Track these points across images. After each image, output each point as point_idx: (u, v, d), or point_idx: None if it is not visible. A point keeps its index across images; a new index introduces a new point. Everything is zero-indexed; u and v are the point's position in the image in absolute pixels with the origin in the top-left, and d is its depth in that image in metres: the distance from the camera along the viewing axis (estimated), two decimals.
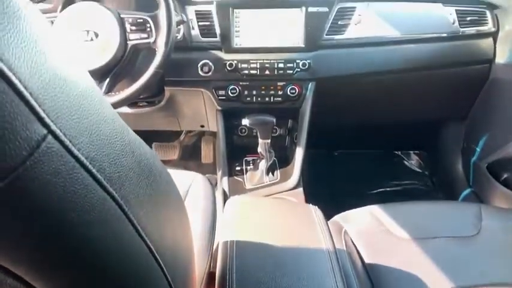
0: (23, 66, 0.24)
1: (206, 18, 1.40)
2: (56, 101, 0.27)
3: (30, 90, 0.24)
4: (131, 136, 0.39)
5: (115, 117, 0.36)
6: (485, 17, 1.50)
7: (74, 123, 0.28)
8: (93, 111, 0.31)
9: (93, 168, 0.30)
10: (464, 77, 1.57)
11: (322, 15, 1.39)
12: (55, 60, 0.28)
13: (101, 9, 1.13)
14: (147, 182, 0.41)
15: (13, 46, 0.24)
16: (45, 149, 0.25)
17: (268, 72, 1.40)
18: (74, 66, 0.31)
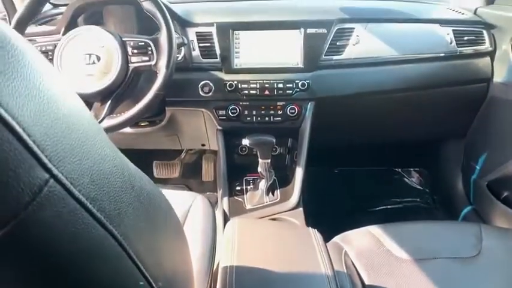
0: (27, 115, 0.25)
1: (207, 39, 1.42)
2: (58, 145, 0.27)
3: (33, 137, 0.25)
4: (131, 170, 0.40)
5: (115, 154, 0.37)
6: (482, 36, 1.52)
7: (76, 165, 0.29)
8: (94, 151, 0.32)
9: (94, 208, 0.30)
10: (462, 96, 1.58)
11: (320, 37, 1.41)
12: (57, 105, 0.29)
13: (103, 33, 1.15)
14: (147, 215, 0.41)
15: (17, 95, 0.25)
16: (47, 193, 0.26)
17: (268, 92, 1.41)
18: (75, 107, 0.32)
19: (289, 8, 1.57)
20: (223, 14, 1.48)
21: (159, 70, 1.15)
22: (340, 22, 1.43)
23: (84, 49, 1.14)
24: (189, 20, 1.44)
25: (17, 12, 1.19)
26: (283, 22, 1.43)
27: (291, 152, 1.57)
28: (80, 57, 1.13)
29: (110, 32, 1.15)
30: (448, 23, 1.50)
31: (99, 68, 1.13)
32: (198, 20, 1.44)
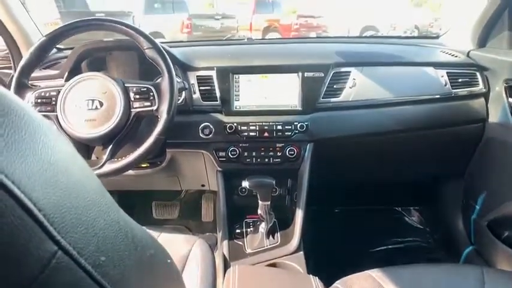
0: (38, 189, 0.26)
1: (207, 83, 1.46)
2: (67, 216, 0.28)
3: (43, 211, 0.26)
4: (134, 230, 0.40)
5: (119, 216, 0.37)
6: (476, 78, 1.56)
7: (82, 234, 0.29)
8: (100, 217, 0.33)
9: (98, 275, 0.31)
10: (459, 136, 1.60)
11: (318, 80, 1.44)
12: (67, 175, 0.30)
13: (106, 79, 1.17)
14: (149, 273, 0.41)
15: (29, 172, 0.26)
16: (55, 265, 0.27)
17: (267, 134, 1.43)
18: (83, 175, 0.33)
19: (287, 53, 1.62)
20: (223, 58, 1.52)
21: (160, 115, 1.17)
22: (337, 66, 1.47)
23: (87, 95, 1.16)
24: (190, 64, 1.48)
25: (23, 59, 1.22)
26: (282, 66, 1.46)
27: (290, 192, 1.58)
28: (83, 103, 1.15)
29: (112, 79, 1.18)
30: (442, 66, 1.55)
31: (102, 114, 1.15)
32: (198, 64, 1.48)
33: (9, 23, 1.54)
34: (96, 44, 1.43)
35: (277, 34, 11.10)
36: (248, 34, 11.27)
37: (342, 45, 1.77)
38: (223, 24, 9.97)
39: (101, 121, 1.14)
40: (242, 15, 11.33)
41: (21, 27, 1.57)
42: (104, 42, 1.43)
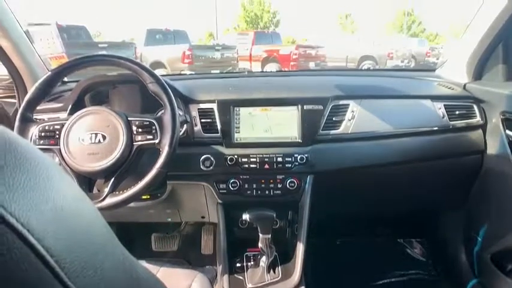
0: (50, 235, 0.27)
1: (208, 115, 1.48)
2: (76, 261, 0.29)
3: (56, 257, 0.27)
4: (139, 272, 0.41)
5: (125, 260, 0.38)
6: (473, 110, 1.58)
7: (90, 278, 0.30)
8: (107, 260, 0.33)
9: None
10: (458, 168, 1.61)
11: (317, 112, 1.47)
12: (77, 219, 0.31)
13: (109, 113, 1.19)
14: None
15: (43, 220, 0.27)
16: None
17: (268, 166, 1.44)
18: (92, 218, 0.34)
19: (286, 85, 1.65)
20: (224, 91, 1.55)
21: (162, 148, 1.18)
22: (336, 99, 1.50)
23: (90, 128, 1.18)
24: (191, 97, 1.50)
25: (29, 93, 1.24)
26: (281, 99, 1.49)
27: (291, 225, 1.57)
28: (86, 137, 1.17)
29: (116, 112, 1.20)
30: (439, 98, 1.57)
31: (105, 147, 1.16)
32: (200, 97, 1.51)
33: (14, 55, 1.57)
34: (100, 78, 1.46)
35: (277, 64, 11.29)
36: (247, 64, 11.46)
37: (340, 78, 1.81)
38: (223, 54, 10.17)
39: (103, 154, 1.15)
40: (242, 46, 11.55)
41: (27, 60, 1.60)
42: (107, 77, 1.46)
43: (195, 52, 9.57)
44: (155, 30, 10.79)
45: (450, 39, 17.35)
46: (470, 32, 1.62)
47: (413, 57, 13.46)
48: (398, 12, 26.39)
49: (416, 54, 13.86)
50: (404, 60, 12.94)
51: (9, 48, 1.54)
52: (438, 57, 14.19)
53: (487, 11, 1.50)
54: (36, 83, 1.25)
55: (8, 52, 1.55)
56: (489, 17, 1.48)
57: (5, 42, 1.51)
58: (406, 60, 13.02)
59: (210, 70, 9.18)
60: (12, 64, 1.59)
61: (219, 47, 10.64)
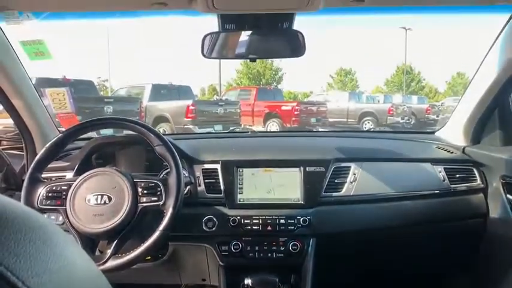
0: None
1: (212, 176, 1.50)
2: None
3: None
4: None
5: None
6: (473, 174, 1.60)
7: None
8: None
9: None
10: (460, 231, 1.61)
11: (319, 175, 1.49)
12: None
13: (116, 175, 1.22)
14: None
15: None
16: None
17: (270, 228, 1.44)
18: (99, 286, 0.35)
19: (289, 146, 1.69)
20: (228, 151, 1.59)
21: (166, 210, 1.19)
22: (337, 161, 1.53)
23: (97, 190, 1.20)
24: (196, 157, 1.53)
25: (39, 154, 1.28)
26: (284, 161, 1.52)
27: None
28: (92, 198, 1.19)
29: (122, 173, 1.22)
30: (439, 162, 1.60)
31: (109, 208, 1.17)
32: (204, 157, 1.54)
33: (25, 113, 1.60)
34: (107, 139, 1.50)
35: (279, 120, 11.49)
36: (250, 119, 11.65)
37: (341, 139, 1.85)
38: (226, 110, 10.38)
39: (108, 216, 1.17)
40: (244, 102, 11.81)
41: (37, 118, 1.64)
42: (115, 138, 1.51)
43: (198, 107, 9.78)
44: (160, 86, 11.10)
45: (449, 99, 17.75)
46: (468, 97, 1.68)
47: (413, 114, 13.66)
48: (398, 70, 27.22)
49: (416, 111, 14.10)
50: (405, 117, 13.12)
51: (21, 106, 1.57)
52: (438, 115, 14.42)
53: (482, 78, 1.56)
54: (47, 144, 1.29)
55: (19, 110, 1.58)
56: (484, 83, 1.54)
57: (18, 101, 1.55)
58: (407, 117, 13.21)
59: (213, 125, 9.35)
60: (22, 121, 1.62)
61: (222, 103, 10.90)
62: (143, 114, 9.51)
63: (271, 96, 13.59)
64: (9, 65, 1.42)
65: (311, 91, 23.93)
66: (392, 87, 27.01)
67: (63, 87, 1.70)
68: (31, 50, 1.40)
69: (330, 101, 14.11)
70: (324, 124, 11.88)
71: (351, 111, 13.72)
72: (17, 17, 1.24)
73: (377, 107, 14.06)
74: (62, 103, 1.69)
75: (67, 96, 1.69)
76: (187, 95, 11.42)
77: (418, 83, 27.62)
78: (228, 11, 1.17)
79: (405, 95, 19.75)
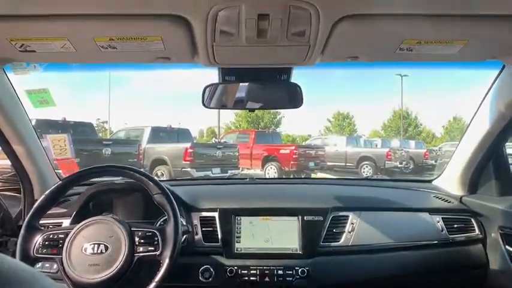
0: None
1: (209, 224, 1.50)
2: None
3: None
4: None
5: None
6: (471, 224, 1.60)
7: None
8: None
9: None
10: (461, 282, 1.58)
11: (317, 224, 1.49)
12: None
13: (113, 223, 1.22)
14: None
15: None
16: None
17: (268, 279, 1.42)
18: None
19: (287, 195, 1.69)
20: (226, 199, 1.59)
21: (163, 260, 1.18)
22: (335, 210, 1.53)
23: (94, 238, 1.19)
24: (193, 205, 1.54)
25: (38, 201, 1.29)
26: (282, 209, 1.52)
27: None
28: (88, 247, 1.18)
29: (120, 222, 1.22)
30: (437, 212, 1.61)
31: (106, 258, 1.16)
32: (202, 205, 1.54)
33: (26, 159, 1.60)
34: (106, 186, 1.51)
35: (277, 163, 11.50)
36: (248, 162, 11.66)
37: (339, 187, 1.86)
38: (224, 153, 10.40)
39: (104, 266, 1.15)
40: (243, 145, 11.88)
41: (38, 164, 1.65)
42: (114, 185, 1.51)
43: (197, 150, 9.81)
44: (159, 128, 11.20)
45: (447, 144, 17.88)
46: (463, 146, 1.71)
47: (411, 158, 13.71)
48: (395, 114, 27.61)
49: (414, 155, 14.15)
50: (403, 162, 13.16)
51: (22, 152, 1.58)
52: (436, 160, 14.48)
53: (476, 129, 1.59)
54: (47, 192, 1.30)
55: (20, 155, 1.58)
56: (479, 134, 1.57)
57: (19, 147, 1.56)
58: (405, 161, 13.24)
59: (211, 168, 9.36)
60: (22, 166, 1.62)
61: (221, 146, 10.94)
62: (141, 157, 9.52)
63: (270, 140, 13.67)
64: (13, 112, 1.45)
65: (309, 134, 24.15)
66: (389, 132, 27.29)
67: (64, 134, 1.72)
68: (36, 99, 1.43)
69: (328, 144, 14.19)
70: (323, 168, 11.89)
71: (349, 155, 13.76)
72: (24, 67, 1.29)
73: (375, 151, 14.13)
74: (63, 149, 1.71)
75: (67, 142, 1.71)
76: (186, 137, 11.50)
77: (415, 128, 27.94)
78: (228, 65, 1.22)
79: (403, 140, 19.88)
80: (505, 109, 1.39)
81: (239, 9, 0.85)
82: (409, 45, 1.03)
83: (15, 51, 1.04)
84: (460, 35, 0.99)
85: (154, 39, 0.99)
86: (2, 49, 1.04)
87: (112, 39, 0.98)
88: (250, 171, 11.52)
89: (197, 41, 1.00)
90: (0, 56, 1.12)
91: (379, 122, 28.41)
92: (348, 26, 0.92)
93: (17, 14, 0.89)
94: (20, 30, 0.95)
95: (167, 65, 1.28)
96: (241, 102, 1.35)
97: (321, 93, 28.82)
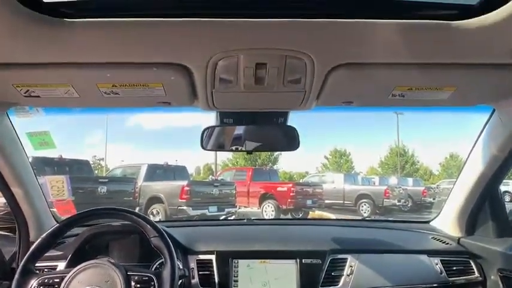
0: None
1: (206, 267, 1.48)
2: None
3: None
4: None
5: None
6: (470, 266, 1.59)
7: None
8: None
9: None
10: None
11: (316, 267, 1.47)
12: None
13: (110, 267, 1.20)
14: None
15: None
16: None
17: None
18: None
19: (285, 236, 1.68)
20: (223, 241, 1.58)
21: None
22: (334, 253, 1.52)
23: (89, 283, 1.17)
24: (190, 247, 1.52)
25: (34, 245, 1.27)
26: (280, 252, 1.51)
27: None
28: None
29: (115, 266, 1.21)
30: (435, 254, 1.60)
31: None
32: (199, 247, 1.53)
33: (23, 201, 1.59)
34: (102, 228, 1.50)
35: (274, 201, 11.42)
36: (245, 199, 11.58)
37: (337, 229, 1.85)
38: (221, 191, 10.34)
39: None
40: (240, 183, 11.83)
41: (35, 207, 1.63)
42: (110, 227, 1.51)
43: (193, 188, 9.74)
44: (156, 166, 11.15)
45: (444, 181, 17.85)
46: (459, 187, 1.72)
47: (409, 196, 13.62)
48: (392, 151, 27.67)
49: (413, 193, 14.07)
50: (401, 200, 13.07)
51: (20, 194, 1.57)
52: (434, 197, 14.43)
53: (470, 171, 1.61)
54: (43, 235, 1.29)
55: (17, 197, 1.57)
56: (473, 176, 1.59)
57: (17, 189, 1.55)
58: (403, 199, 13.15)
59: (208, 206, 9.28)
60: (18, 208, 1.60)
61: (218, 183, 10.89)
62: (137, 195, 9.44)
63: (267, 177, 13.63)
64: (14, 155, 1.46)
65: (307, 171, 24.07)
66: (387, 169, 27.26)
67: (62, 175, 1.73)
68: (36, 141, 1.45)
69: (325, 182, 14.15)
70: (320, 206, 11.80)
71: (347, 193, 13.68)
72: (27, 111, 1.31)
73: (373, 189, 14.06)
74: (60, 190, 1.72)
75: (66, 183, 1.72)
76: (183, 175, 11.45)
77: (412, 165, 27.94)
78: (227, 109, 1.25)
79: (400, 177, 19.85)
80: (497, 152, 1.42)
81: (238, 59, 0.89)
82: (401, 91, 1.06)
83: (20, 97, 1.07)
84: (449, 82, 1.03)
85: (156, 85, 1.02)
86: (7, 94, 1.06)
87: (115, 86, 1.01)
88: (247, 209, 11.42)
89: (197, 87, 1.03)
90: (4, 100, 1.15)
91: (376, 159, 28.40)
92: (342, 73, 0.95)
93: (23, 62, 0.92)
94: (25, 77, 0.98)
95: (167, 109, 1.31)
96: (238, 144, 1.37)
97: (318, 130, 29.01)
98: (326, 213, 11.48)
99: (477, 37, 0.83)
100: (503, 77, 0.99)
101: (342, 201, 13.62)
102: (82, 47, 0.86)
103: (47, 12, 0.77)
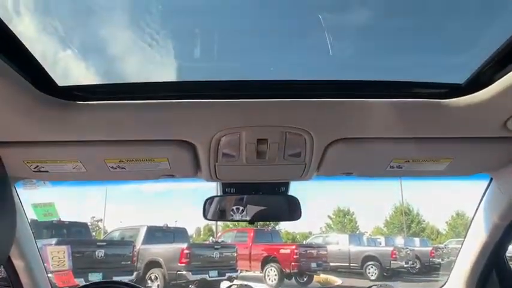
0: None
1: None
2: None
3: None
4: None
5: None
6: None
7: None
8: None
9: None
10: None
11: None
12: None
13: None
14: None
15: None
16: None
17: None
18: None
19: None
20: None
21: None
22: None
23: None
24: None
25: None
26: None
27: None
28: None
29: None
30: None
31: None
32: None
33: (24, 273, 1.57)
34: None
35: (277, 264, 11.10)
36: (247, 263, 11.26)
37: None
38: (222, 253, 10.09)
39: None
40: (241, 245, 11.57)
41: (35, 278, 1.61)
42: None
43: (193, 251, 9.52)
44: (155, 228, 10.97)
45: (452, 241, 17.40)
46: (464, 255, 1.68)
47: (417, 257, 13.22)
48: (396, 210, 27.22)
49: (420, 254, 13.65)
50: (409, 262, 12.67)
51: (21, 266, 1.55)
52: (443, 258, 14.01)
53: (474, 239, 1.59)
54: None
55: (18, 269, 1.56)
56: (477, 244, 1.57)
57: (19, 261, 1.54)
58: (411, 261, 12.75)
59: (208, 271, 9.02)
60: (18, 279, 1.58)
61: (218, 246, 10.65)
62: (135, 259, 9.20)
63: (269, 238, 13.34)
64: (19, 229, 1.46)
65: (310, 231, 23.59)
66: (392, 229, 26.70)
67: (64, 246, 1.72)
68: (41, 212, 1.47)
69: (330, 243, 13.82)
70: (325, 269, 11.44)
71: (353, 255, 13.29)
72: (34, 183, 1.34)
73: (379, 250, 13.68)
74: (61, 261, 1.70)
75: (67, 254, 1.70)
76: (183, 237, 11.25)
77: (418, 224, 27.39)
78: (229, 180, 1.28)
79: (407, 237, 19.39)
80: (498, 220, 1.42)
81: (240, 135, 0.94)
82: (399, 163, 1.10)
83: (29, 172, 1.10)
84: (445, 155, 1.07)
85: (161, 160, 1.06)
86: (17, 170, 1.10)
87: (122, 161, 1.05)
88: (249, 273, 11.07)
89: (201, 161, 1.07)
90: (14, 175, 1.18)
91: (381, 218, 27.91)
92: (340, 147, 0.99)
93: (34, 140, 0.97)
94: (36, 154, 1.02)
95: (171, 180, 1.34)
96: (240, 214, 1.38)
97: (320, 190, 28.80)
98: (332, 276, 11.12)
99: (467, 114, 0.87)
100: (497, 149, 1.03)
101: (348, 263, 13.20)
102: (92, 127, 0.91)
103: (60, 95, 0.82)
